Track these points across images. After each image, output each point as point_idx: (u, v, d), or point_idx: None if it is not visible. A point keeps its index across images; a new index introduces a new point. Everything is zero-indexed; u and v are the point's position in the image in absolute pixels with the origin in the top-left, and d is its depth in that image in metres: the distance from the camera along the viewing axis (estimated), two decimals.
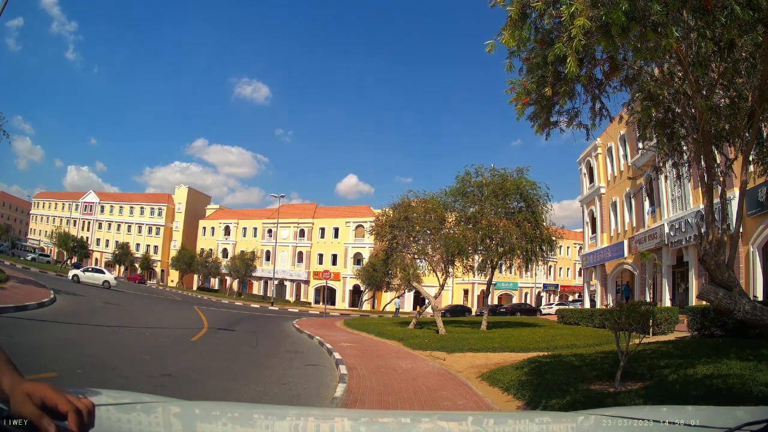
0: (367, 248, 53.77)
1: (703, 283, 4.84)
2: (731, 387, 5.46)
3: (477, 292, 51.88)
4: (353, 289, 55.64)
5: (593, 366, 8.01)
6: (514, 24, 3.59)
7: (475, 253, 19.79)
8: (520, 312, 38.89)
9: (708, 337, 11.42)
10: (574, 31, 3.08)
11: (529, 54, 4.14)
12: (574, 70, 3.32)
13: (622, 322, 6.62)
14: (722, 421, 1.21)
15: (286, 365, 9.31)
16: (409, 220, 19.91)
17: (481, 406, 6.41)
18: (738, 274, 14.70)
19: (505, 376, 8.03)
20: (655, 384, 6.24)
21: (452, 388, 7.54)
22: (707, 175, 4.73)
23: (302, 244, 59.93)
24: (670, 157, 6.39)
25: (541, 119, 4.77)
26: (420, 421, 1.97)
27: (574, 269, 60.51)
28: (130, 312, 17.68)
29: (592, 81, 4.53)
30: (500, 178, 19.26)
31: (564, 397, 6.03)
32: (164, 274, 69.02)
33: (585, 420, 1.66)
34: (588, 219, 30.53)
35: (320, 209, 62.89)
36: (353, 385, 7.42)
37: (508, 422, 1.89)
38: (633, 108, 5.75)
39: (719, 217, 4.89)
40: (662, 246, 20.80)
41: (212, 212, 70.76)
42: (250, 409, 1.84)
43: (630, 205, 25.02)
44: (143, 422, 1.38)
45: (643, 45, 3.50)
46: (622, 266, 25.55)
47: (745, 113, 4.77)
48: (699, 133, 4.69)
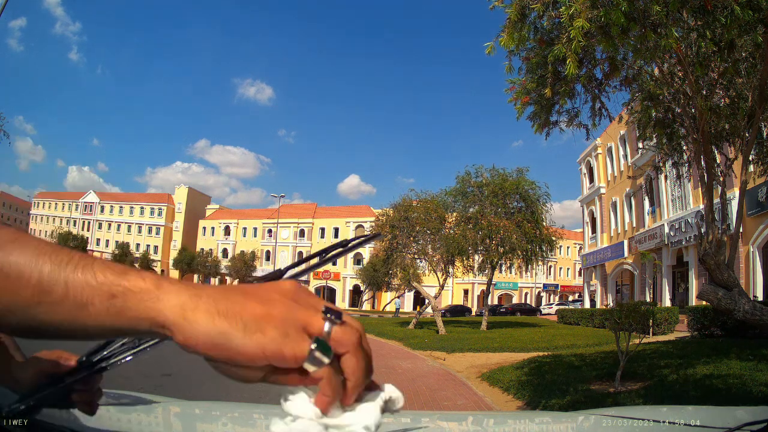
0: (367, 248, 53.79)
1: (703, 283, 4.84)
2: (731, 387, 5.46)
3: (477, 292, 51.88)
4: (353, 289, 55.66)
5: (593, 366, 8.01)
6: (513, 25, 3.59)
7: (475, 253, 19.81)
8: (520, 312, 38.92)
9: (708, 337, 11.43)
10: (573, 33, 3.08)
11: (529, 53, 4.14)
12: (574, 71, 3.32)
13: (622, 322, 6.62)
14: (722, 421, 1.21)
15: None
16: (410, 221, 19.93)
17: (481, 406, 6.41)
18: (738, 274, 14.70)
19: (505, 376, 8.03)
20: (655, 384, 6.24)
21: (452, 388, 7.54)
22: (707, 175, 4.73)
23: (302, 244, 59.94)
24: (670, 157, 6.39)
25: (540, 119, 4.78)
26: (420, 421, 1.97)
27: (574, 269, 60.51)
28: None
29: (591, 81, 4.53)
30: (500, 179, 19.28)
31: (564, 397, 6.03)
32: (164, 274, 68.94)
33: (585, 420, 1.66)
34: (588, 219, 30.54)
35: (320, 209, 62.93)
36: None
37: (508, 422, 1.89)
38: (633, 108, 5.75)
39: (719, 217, 4.89)
40: (662, 246, 20.80)
41: (212, 212, 70.79)
42: (250, 409, 1.85)
43: (630, 205, 25.03)
44: (143, 422, 1.38)
45: (642, 45, 3.50)
46: (622, 266, 25.55)
47: (745, 113, 4.77)
48: (699, 133, 4.69)
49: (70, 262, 0.41)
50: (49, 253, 0.41)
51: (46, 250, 0.41)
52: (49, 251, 0.41)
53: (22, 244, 0.41)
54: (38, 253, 0.41)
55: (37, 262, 0.40)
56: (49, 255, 0.41)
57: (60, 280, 0.40)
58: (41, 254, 0.41)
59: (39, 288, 0.39)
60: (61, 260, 0.41)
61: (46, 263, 0.40)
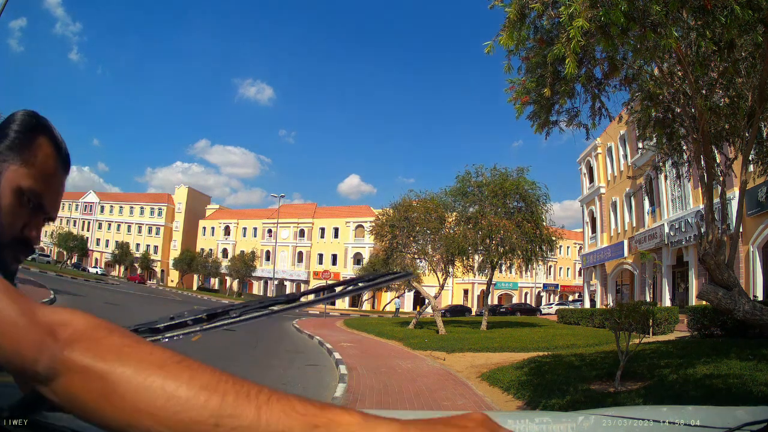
0: (367, 248, 53.77)
1: (703, 283, 4.84)
2: (731, 387, 5.46)
3: (477, 292, 51.86)
4: None
5: (593, 366, 8.01)
6: (513, 25, 3.58)
7: (475, 253, 19.80)
8: (520, 312, 38.89)
9: (708, 336, 11.42)
10: (573, 32, 3.08)
11: (528, 53, 4.14)
12: (573, 71, 3.32)
13: (622, 322, 6.63)
14: (722, 421, 1.21)
15: (286, 365, 9.32)
16: (409, 220, 19.92)
17: (481, 406, 6.41)
18: (738, 274, 14.70)
19: (505, 376, 8.03)
20: (655, 384, 6.24)
21: (452, 388, 7.54)
22: (707, 175, 4.72)
23: (302, 244, 59.94)
24: (670, 157, 6.39)
25: (540, 119, 4.78)
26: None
27: (574, 269, 60.50)
28: (131, 312, 17.68)
29: (591, 80, 4.53)
30: (500, 178, 19.27)
31: (564, 397, 6.03)
32: (164, 274, 69.02)
33: (585, 420, 1.66)
34: (588, 219, 30.53)
35: (320, 209, 62.91)
36: (353, 385, 7.42)
37: (508, 422, 1.89)
38: (633, 108, 5.75)
39: (719, 217, 4.89)
40: (662, 246, 20.80)
41: (212, 212, 70.76)
42: None
43: (630, 205, 25.02)
44: None
45: (642, 45, 3.50)
46: (622, 266, 25.55)
47: (745, 113, 4.77)
48: (699, 133, 4.69)
49: (260, 392, 0.41)
50: (232, 381, 0.42)
51: (226, 378, 0.42)
52: (231, 379, 0.42)
53: (191, 368, 0.42)
54: (218, 379, 0.42)
55: (217, 387, 0.41)
56: (232, 382, 0.42)
57: (250, 405, 0.40)
58: (221, 381, 0.42)
59: (219, 411, 0.40)
60: (249, 390, 0.41)
61: (229, 390, 0.41)
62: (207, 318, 0.75)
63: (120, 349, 0.44)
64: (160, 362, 0.42)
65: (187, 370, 0.42)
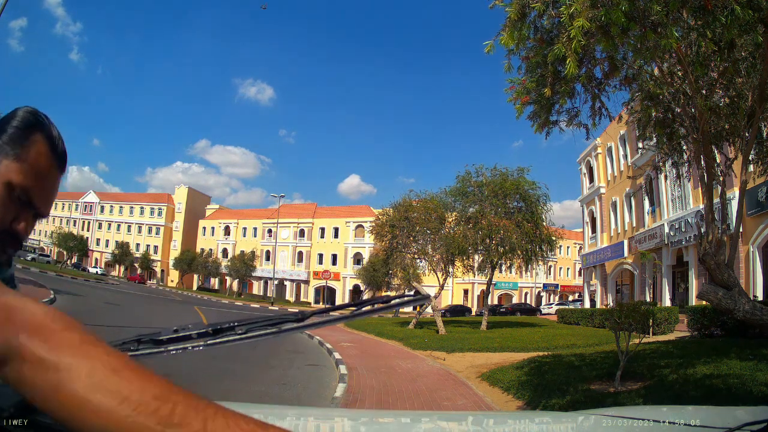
0: (367, 248, 53.77)
1: (703, 283, 4.84)
2: (731, 387, 5.46)
3: (477, 292, 51.86)
4: (353, 289, 55.62)
5: (593, 366, 8.01)
6: (513, 24, 3.59)
7: (475, 253, 19.81)
8: (520, 312, 38.90)
9: (708, 336, 11.42)
10: (573, 32, 3.08)
11: (529, 53, 4.13)
12: (574, 71, 3.32)
13: (622, 322, 6.63)
14: (722, 421, 1.21)
15: (287, 365, 9.31)
16: (409, 220, 19.92)
17: (481, 406, 6.41)
18: (738, 274, 14.70)
19: (505, 376, 8.03)
20: (655, 384, 6.24)
21: (452, 388, 7.54)
22: (707, 174, 4.73)
23: (302, 244, 59.93)
24: (670, 157, 6.39)
25: (540, 118, 4.78)
26: (420, 421, 1.97)
27: (574, 269, 60.50)
28: (131, 312, 17.67)
29: (591, 80, 4.53)
30: (500, 178, 19.27)
31: (564, 397, 6.03)
32: (164, 274, 69.02)
33: (585, 420, 1.66)
34: (588, 219, 30.53)
35: (320, 209, 62.89)
36: (353, 385, 7.42)
37: (508, 422, 1.89)
38: (633, 107, 5.75)
39: (719, 217, 4.89)
40: (662, 246, 20.80)
41: (212, 212, 70.75)
42: (250, 409, 1.84)
43: (630, 205, 25.02)
44: None
45: (642, 45, 3.50)
46: (622, 266, 25.55)
47: (745, 113, 4.77)
48: (699, 133, 4.69)
49: (208, 406, 0.44)
50: (183, 394, 0.44)
51: (177, 390, 0.44)
52: (182, 392, 0.44)
53: (146, 376, 0.45)
54: (170, 390, 0.44)
55: (169, 397, 0.43)
56: (183, 395, 0.44)
57: (198, 417, 0.42)
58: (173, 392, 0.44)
59: (168, 420, 0.42)
60: (198, 403, 0.43)
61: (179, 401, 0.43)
62: (212, 333, 0.76)
63: (78, 346, 0.45)
64: (115, 365, 0.44)
65: (141, 377, 0.43)
